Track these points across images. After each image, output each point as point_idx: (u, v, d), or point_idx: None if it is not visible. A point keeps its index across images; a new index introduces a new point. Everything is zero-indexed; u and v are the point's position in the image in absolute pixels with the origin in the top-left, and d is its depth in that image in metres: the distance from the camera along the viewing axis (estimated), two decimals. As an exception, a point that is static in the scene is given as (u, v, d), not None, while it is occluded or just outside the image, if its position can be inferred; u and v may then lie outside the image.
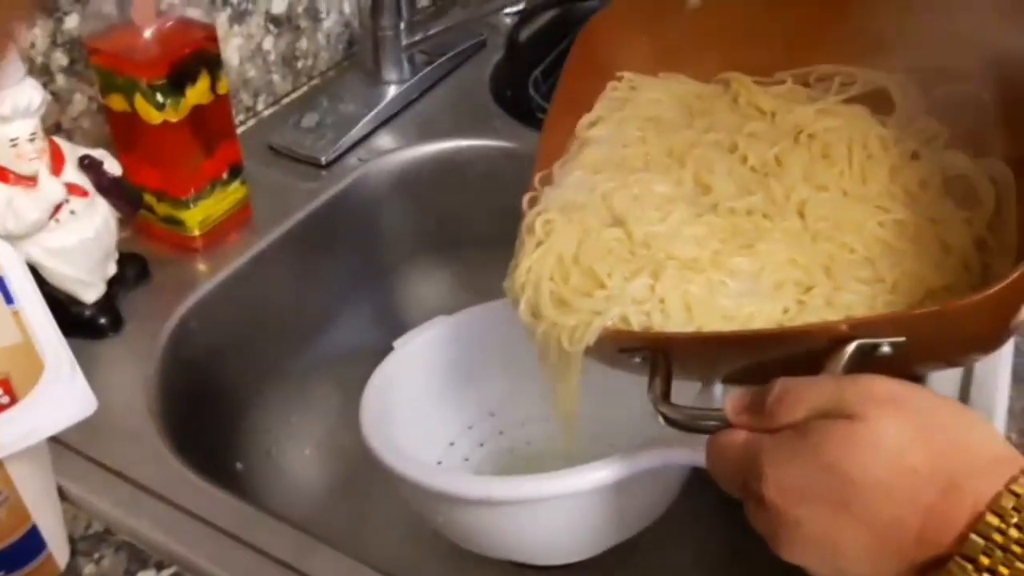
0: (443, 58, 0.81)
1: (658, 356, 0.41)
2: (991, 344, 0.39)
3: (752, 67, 0.55)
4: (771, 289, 0.44)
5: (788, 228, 0.46)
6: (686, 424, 0.39)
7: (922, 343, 0.37)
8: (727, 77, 0.56)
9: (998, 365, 0.56)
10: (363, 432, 0.53)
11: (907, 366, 0.38)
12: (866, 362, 0.36)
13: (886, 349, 0.36)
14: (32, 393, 0.37)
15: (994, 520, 0.30)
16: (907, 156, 0.49)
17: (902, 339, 0.36)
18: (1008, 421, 0.54)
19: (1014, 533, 0.29)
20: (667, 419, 0.39)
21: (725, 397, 0.39)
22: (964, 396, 0.54)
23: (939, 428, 0.32)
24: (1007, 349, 0.58)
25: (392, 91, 0.77)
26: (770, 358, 0.39)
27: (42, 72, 0.58)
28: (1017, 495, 0.30)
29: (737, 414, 0.37)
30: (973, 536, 0.30)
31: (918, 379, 0.54)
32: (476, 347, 0.62)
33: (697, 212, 0.48)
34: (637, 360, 0.42)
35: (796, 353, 0.37)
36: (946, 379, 0.54)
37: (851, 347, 0.36)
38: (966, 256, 0.43)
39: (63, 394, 0.37)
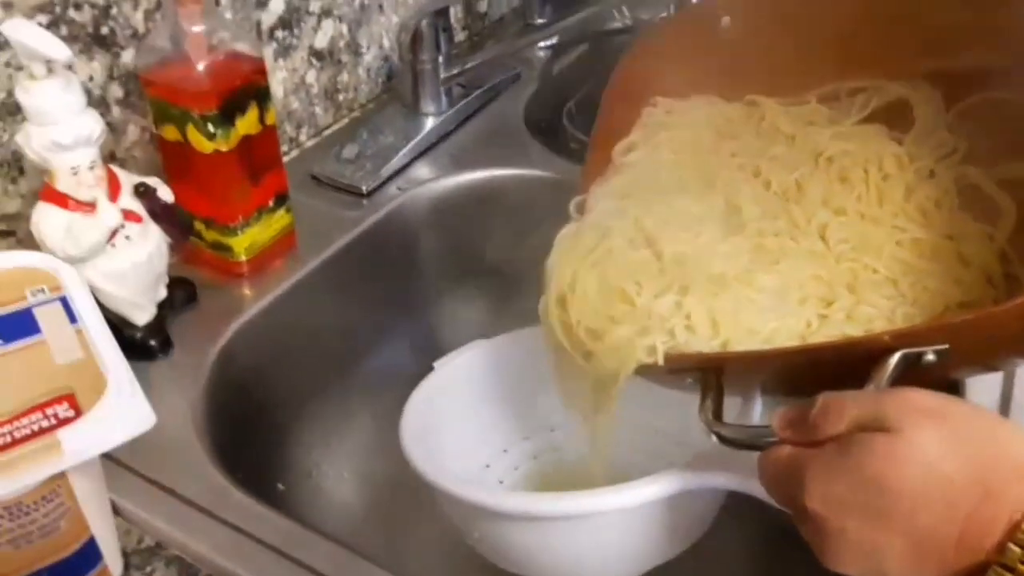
0: (479, 91, 0.83)
1: (710, 376, 0.42)
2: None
3: (784, 87, 0.56)
4: (795, 305, 0.45)
5: (812, 249, 0.47)
6: (743, 442, 0.40)
7: (965, 349, 0.37)
8: (753, 99, 0.57)
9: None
10: (404, 446, 0.54)
11: (949, 371, 0.39)
12: (911, 370, 0.37)
13: (930, 357, 0.37)
14: (96, 407, 0.38)
15: (1015, 551, 0.31)
16: (923, 174, 0.49)
17: (945, 347, 0.36)
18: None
19: None
20: (722, 438, 0.40)
21: (771, 412, 0.39)
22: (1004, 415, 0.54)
23: (975, 439, 0.33)
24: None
25: (430, 123, 0.79)
26: (818, 372, 0.40)
27: (99, 103, 0.60)
28: None
29: (783, 429, 0.37)
30: (1011, 545, 0.31)
31: (956, 391, 0.55)
32: (513, 371, 0.63)
33: (725, 233, 0.49)
34: (689, 380, 0.43)
35: (843, 366, 0.38)
36: (984, 404, 0.55)
37: (896, 357, 0.37)
38: (987, 269, 0.44)
39: (125, 409, 0.39)
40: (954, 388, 0.56)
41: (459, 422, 0.61)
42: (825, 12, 0.55)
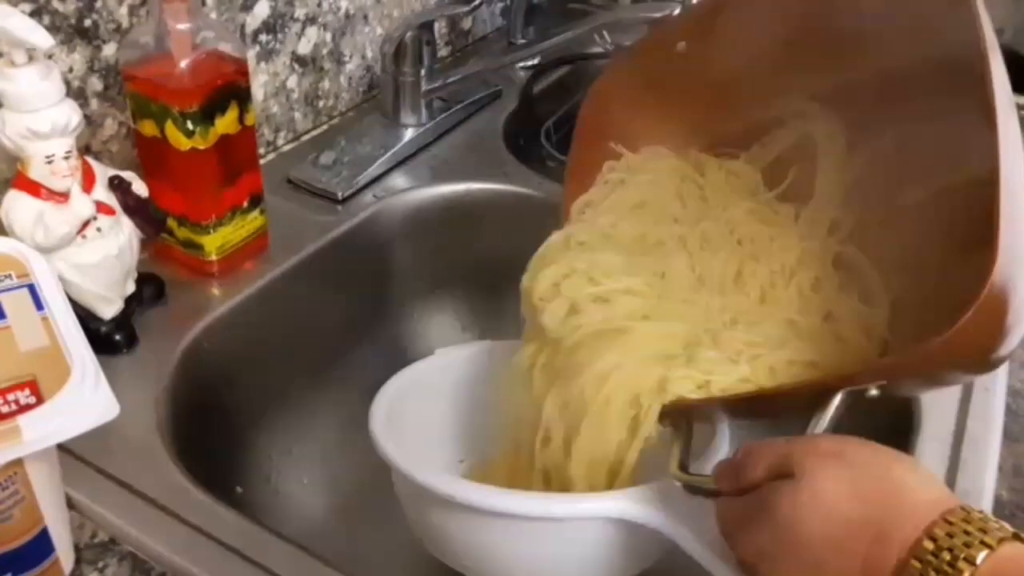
0: (459, 105, 0.84)
1: (681, 423, 0.45)
2: (979, 371, 0.41)
3: (732, 114, 0.58)
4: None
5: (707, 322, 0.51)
6: (703, 491, 0.42)
7: (904, 382, 0.39)
8: (699, 157, 0.59)
9: (989, 424, 0.58)
10: (371, 424, 0.54)
11: (899, 393, 0.41)
12: (860, 401, 0.39)
13: (874, 392, 0.39)
14: (58, 395, 0.38)
15: (916, 565, 0.32)
16: (810, 254, 0.52)
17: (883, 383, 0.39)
18: (998, 479, 0.55)
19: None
20: (686, 487, 0.43)
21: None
22: (956, 454, 0.55)
23: (873, 478, 0.35)
24: (998, 410, 0.59)
25: (409, 134, 0.80)
26: (774, 405, 0.43)
27: (78, 95, 0.60)
28: (935, 539, 0.32)
29: (719, 479, 0.40)
30: None
31: (910, 423, 0.57)
32: (479, 383, 0.64)
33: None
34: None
35: (799, 400, 0.41)
36: (938, 439, 0.56)
37: (839, 395, 0.39)
38: (861, 346, 0.46)
39: (88, 398, 0.38)
40: (908, 419, 0.58)
41: (424, 425, 0.61)
42: (765, 28, 0.56)
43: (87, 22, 0.59)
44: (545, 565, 0.51)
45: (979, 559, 0.31)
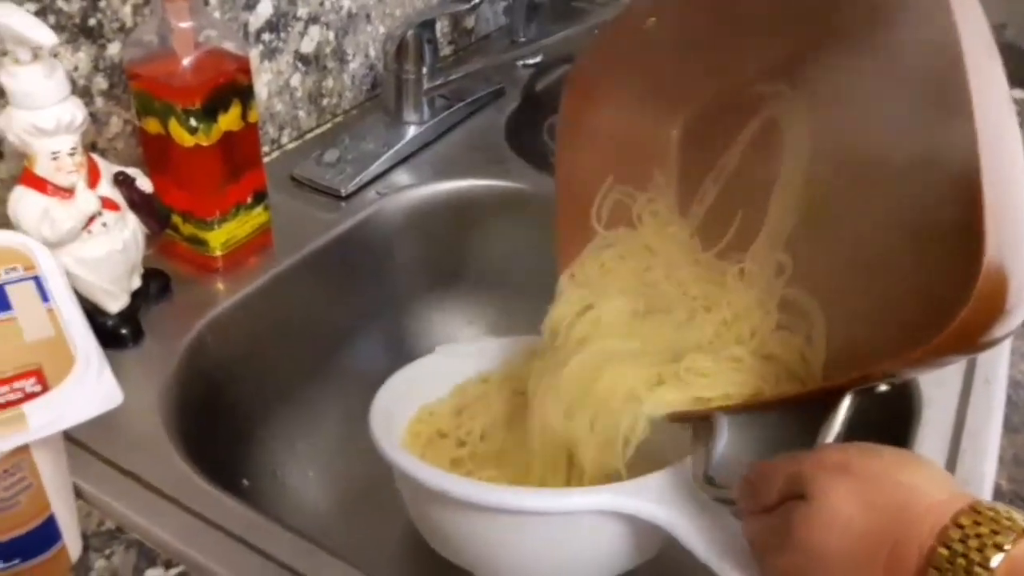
0: (462, 103, 0.85)
1: (699, 425, 0.47)
2: (984, 351, 0.41)
3: (723, 73, 0.57)
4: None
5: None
6: (724, 501, 0.43)
7: (909, 375, 0.41)
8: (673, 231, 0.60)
9: (990, 415, 0.58)
10: (371, 422, 0.55)
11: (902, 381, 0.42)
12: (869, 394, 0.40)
13: (883, 388, 0.40)
14: (63, 383, 0.39)
15: (935, 573, 0.33)
16: (751, 303, 0.53)
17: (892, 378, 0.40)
18: (998, 469, 0.55)
19: None
20: (715, 499, 0.44)
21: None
22: (955, 444, 0.56)
23: (881, 489, 0.35)
24: (999, 401, 0.59)
25: (411, 131, 0.81)
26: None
27: (83, 94, 0.61)
28: (949, 546, 0.33)
29: (739, 499, 0.41)
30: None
31: (910, 420, 0.57)
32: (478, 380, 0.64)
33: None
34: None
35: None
36: (938, 432, 0.56)
37: (848, 398, 0.41)
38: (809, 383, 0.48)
39: (92, 386, 0.39)
40: (908, 411, 0.58)
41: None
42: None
43: (91, 21, 0.60)
44: (544, 558, 0.52)
45: (994, 563, 0.32)
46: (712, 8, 0.55)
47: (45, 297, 0.43)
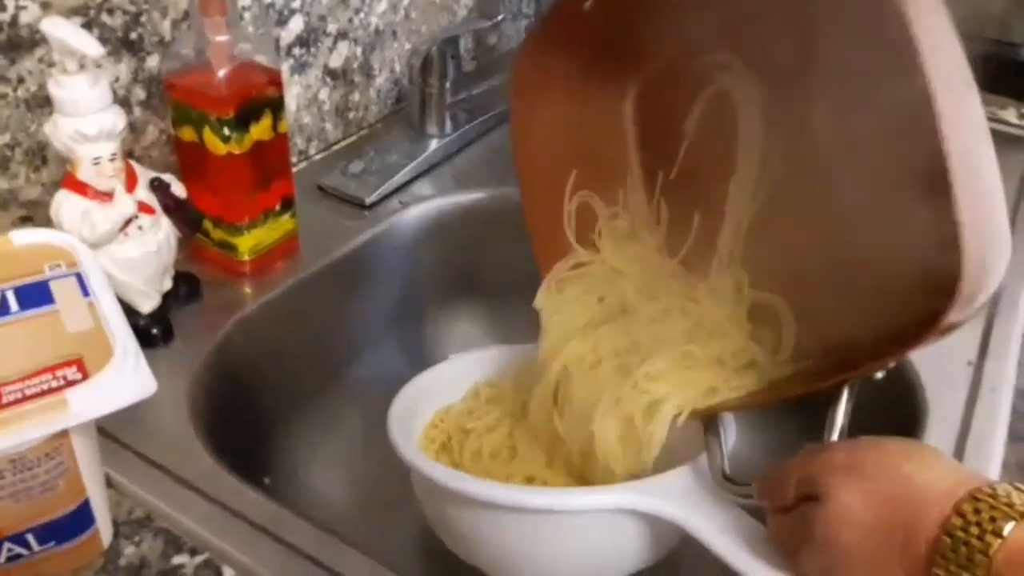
0: (483, 117, 0.87)
1: (711, 424, 0.49)
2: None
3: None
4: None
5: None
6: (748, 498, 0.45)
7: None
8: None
9: (995, 424, 0.59)
10: (389, 425, 0.57)
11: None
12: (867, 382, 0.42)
13: (879, 375, 0.42)
14: (102, 372, 0.41)
15: (941, 561, 0.34)
16: (723, 319, 0.54)
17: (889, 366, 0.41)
18: (1002, 475, 0.56)
19: (955, 569, 0.34)
20: (736, 496, 0.46)
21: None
22: (960, 452, 0.57)
23: (886, 484, 0.37)
24: (1004, 408, 0.60)
25: (434, 144, 0.83)
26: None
27: (122, 103, 0.64)
28: (951, 535, 0.34)
29: (758, 497, 0.43)
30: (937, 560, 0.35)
31: (917, 422, 0.58)
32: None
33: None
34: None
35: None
36: (943, 441, 0.57)
37: (845, 390, 0.43)
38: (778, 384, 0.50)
39: (128, 375, 0.41)
40: (914, 417, 0.59)
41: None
42: None
43: (133, 35, 0.63)
44: (560, 557, 0.53)
45: (993, 549, 0.33)
46: None
47: (86, 292, 0.45)
